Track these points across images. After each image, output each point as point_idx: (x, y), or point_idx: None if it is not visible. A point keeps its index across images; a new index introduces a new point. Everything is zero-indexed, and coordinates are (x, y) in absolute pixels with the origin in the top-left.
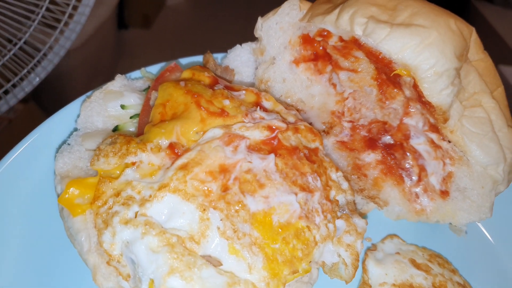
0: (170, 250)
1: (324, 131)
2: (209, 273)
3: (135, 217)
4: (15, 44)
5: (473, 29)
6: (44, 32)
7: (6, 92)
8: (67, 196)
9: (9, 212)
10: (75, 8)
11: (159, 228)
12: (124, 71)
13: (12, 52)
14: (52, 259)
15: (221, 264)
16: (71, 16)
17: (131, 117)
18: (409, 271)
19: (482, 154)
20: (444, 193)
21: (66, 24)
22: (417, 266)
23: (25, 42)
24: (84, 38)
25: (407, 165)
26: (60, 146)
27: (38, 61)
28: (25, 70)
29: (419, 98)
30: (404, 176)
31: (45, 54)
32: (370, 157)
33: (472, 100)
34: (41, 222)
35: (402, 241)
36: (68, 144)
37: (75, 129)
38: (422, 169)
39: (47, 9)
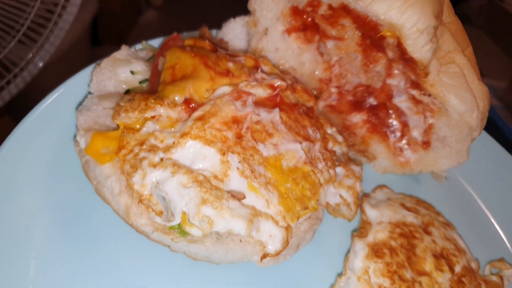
0: (199, 185)
1: (314, 95)
2: (235, 204)
3: (162, 161)
4: None
5: None
6: (23, 43)
7: None
8: (93, 146)
9: (31, 171)
10: (56, 23)
11: (186, 168)
12: None
13: None
14: (79, 215)
15: (244, 198)
16: (52, 30)
17: (140, 82)
18: (401, 212)
19: (459, 103)
20: (426, 144)
21: (47, 37)
22: (407, 208)
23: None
24: (60, 53)
25: (390, 123)
26: (77, 108)
27: (18, 72)
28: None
29: (402, 55)
30: (388, 133)
31: (25, 66)
32: (357, 118)
33: (447, 58)
34: (63, 180)
35: (391, 190)
36: (85, 106)
37: (89, 93)
38: (404, 124)
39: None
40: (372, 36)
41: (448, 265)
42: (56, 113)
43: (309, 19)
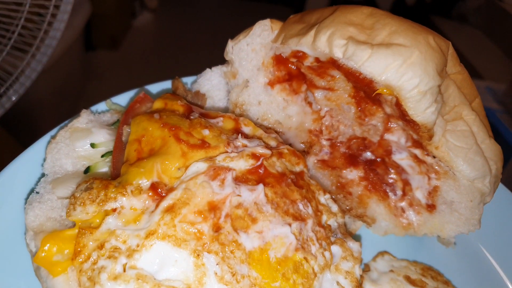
0: None
1: (304, 150)
2: None
3: (124, 270)
4: None
5: (450, 43)
6: (14, 56)
7: None
8: (43, 254)
9: None
10: (46, 32)
11: (152, 281)
12: (92, 93)
13: None
14: None
15: None
16: (42, 40)
17: (102, 156)
18: None
19: (468, 169)
20: (431, 207)
21: (37, 48)
22: (412, 282)
23: None
24: (53, 61)
25: (390, 180)
26: (28, 196)
27: (10, 85)
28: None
29: (403, 116)
30: (388, 191)
31: (17, 78)
32: (353, 174)
33: (453, 113)
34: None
35: (393, 257)
36: (37, 193)
37: (43, 175)
38: (406, 183)
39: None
40: (366, 91)
41: None
42: (5, 198)
43: (294, 68)
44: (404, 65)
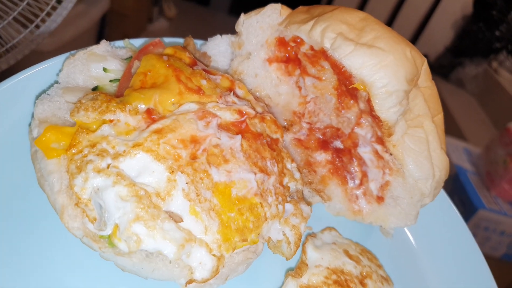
0: (137, 200)
1: (284, 127)
2: (170, 226)
3: (108, 168)
4: None
5: (425, 60)
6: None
7: None
8: (44, 139)
9: None
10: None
11: (129, 180)
12: None
13: None
14: (20, 202)
15: (182, 221)
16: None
17: (110, 81)
18: (342, 259)
19: (415, 169)
20: (380, 199)
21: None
22: (349, 256)
23: None
24: (59, 44)
25: (352, 169)
26: (39, 95)
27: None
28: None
29: (371, 111)
30: (348, 178)
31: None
32: (321, 156)
33: (416, 121)
34: (11, 164)
35: (339, 234)
36: (48, 95)
37: (56, 82)
38: (364, 174)
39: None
40: (347, 84)
41: None
42: (20, 95)
43: (293, 53)
44: (378, 65)
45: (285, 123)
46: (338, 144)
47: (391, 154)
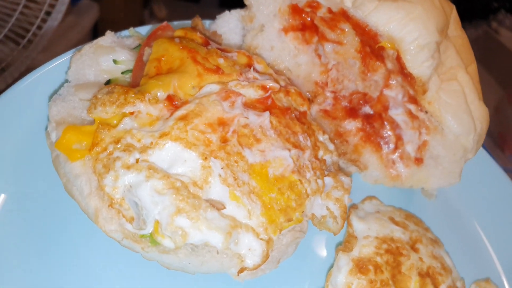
0: (175, 192)
1: (308, 99)
2: (213, 215)
3: (137, 162)
4: None
5: (454, 7)
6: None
7: None
8: (64, 141)
9: None
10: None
11: (162, 172)
12: None
13: None
14: (47, 211)
15: (224, 208)
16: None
17: (122, 72)
18: (389, 226)
19: (455, 124)
20: (419, 160)
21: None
22: (395, 223)
23: None
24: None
25: (385, 134)
26: (51, 97)
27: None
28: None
29: (401, 70)
30: (382, 143)
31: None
32: (351, 125)
33: (449, 74)
34: (31, 171)
35: (380, 202)
36: (60, 95)
37: (66, 81)
38: (399, 138)
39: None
40: (372, 45)
41: (433, 284)
42: (30, 99)
43: (308, 19)
44: (407, 18)
45: (309, 95)
46: (367, 109)
47: (426, 112)
